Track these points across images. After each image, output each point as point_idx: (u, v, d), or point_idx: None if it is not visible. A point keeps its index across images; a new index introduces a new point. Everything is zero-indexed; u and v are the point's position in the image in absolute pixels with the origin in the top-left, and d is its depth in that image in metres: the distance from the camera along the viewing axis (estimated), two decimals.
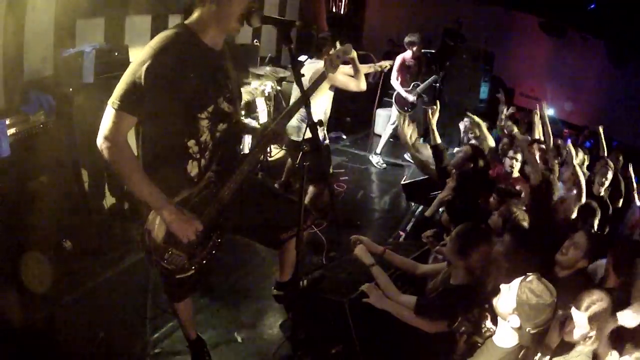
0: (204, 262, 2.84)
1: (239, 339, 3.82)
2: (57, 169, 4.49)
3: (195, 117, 2.56)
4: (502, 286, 2.79)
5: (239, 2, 2.44)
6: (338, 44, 2.93)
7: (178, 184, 2.66)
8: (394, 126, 8.16)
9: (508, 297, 2.70)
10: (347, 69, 5.15)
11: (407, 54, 7.84)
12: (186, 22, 2.52)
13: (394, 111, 8.18)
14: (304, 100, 2.54)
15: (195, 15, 2.50)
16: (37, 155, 4.24)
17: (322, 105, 5.30)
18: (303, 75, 3.15)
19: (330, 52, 2.92)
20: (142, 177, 2.49)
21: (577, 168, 4.71)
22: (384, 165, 8.18)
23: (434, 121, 5.47)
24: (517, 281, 2.73)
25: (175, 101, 2.45)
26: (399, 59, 7.83)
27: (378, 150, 8.31)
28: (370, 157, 8.48)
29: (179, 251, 2.71)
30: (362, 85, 5.19)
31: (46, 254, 4.26)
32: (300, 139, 5.26)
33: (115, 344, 3.65)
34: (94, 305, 4.01)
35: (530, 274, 2.76)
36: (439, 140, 5.44)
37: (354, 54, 4.88)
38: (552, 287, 2.68)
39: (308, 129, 2.53)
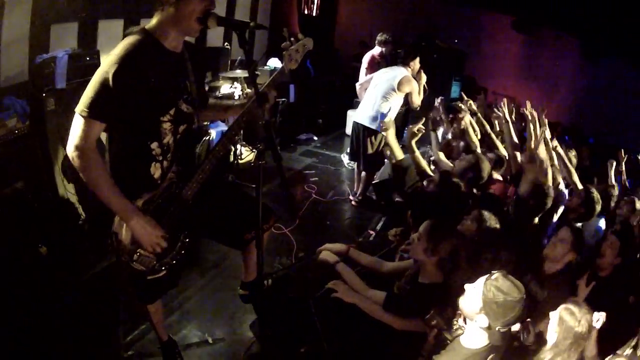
0: (174, 262, 2.88)
1: (210, 340, 3.87)
2: (32, 175, 4.51)
3: (158, 120, 2.61)
4: (467, 286, 2.75)
5: (196, 4, 2.44)
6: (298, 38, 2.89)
7: (142, 186, 2.70)
8: None
9: (473, 296, 2.66)
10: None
11: (376, 51, 7.88)
12: (146, 27, 2.53)
13: None
14: (258, 100, 2.57)
15: (155, 19, 2.52)
16: (12, 161, 4.27)
17: (396, 106, 6.34)
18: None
19: (291, 47, 2.88)
20: (111, 187, 2.53)
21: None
22: (354, 165, 8.10)
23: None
24: (482, 280, 2.69)
25: (139, 105, 2.49)
26: (368, 56, 7.86)
27: (349, 150, 8.37)
28: (342, 156, 8.61)
29: (147, 252, 2.75)
30: (419, 103, 6.35)
31: (22, 259, 4.32)
32: (375, 127, 6.21)
33: (89, 348, 3.69)
34: (68, 309, 4.03)
35: (495, 271, 2.71)
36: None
37: (424, 79, 6.24)
38: (519, 284, 2.64)
39: (263, 127, 2.52)
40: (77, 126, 2.42)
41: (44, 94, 4.54)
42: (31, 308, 3.94)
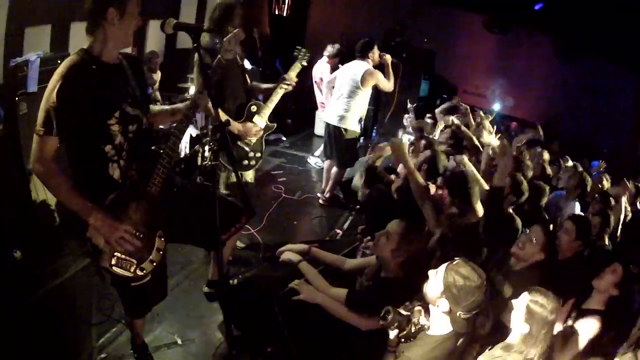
0: (154, 264, 2.92)
1: (179, 341, 3.92)
2: (6, 179, 4.55)
3: (105, 123, 2.76)
4: (430, 272, 2.81)
5: (126, 26, 2.73)
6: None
7: (104, 188, 2.81)
8: None
9: (435, 281, 2.72)
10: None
11: (326, 68, 7.88)
12: (84, 47, 2.74)
13: None
14: (214, 101, 2.84)
15: (91, 39, 2.73)
16: None
17: (363, 101, 6.38)
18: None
19: (224, 40, 3.20)
20: (69, 189, 2.69)
21: None
22: (322, 165, 8.10)
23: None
24: (444, 265, 2.75)
25: (86, 113, 2.66)
26: (327, 68, 7.88)
27: (317, 153, 8.54)
28: (308, 159, 8.68)
29: (123, 255, 2.81)
30: (390, 86, 6.37)
31: None
32: (344, 126, 6.29)
33: (62, 351, 3.74)
34: (42, 313, 4.06)
35: (457, 258, 2.79)
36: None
37: (389, 60, 6.13)
38: (479, 270, 2.69)
39: (216, 128, 2.73)
40: (36, 144, 2.64)
41: (17, 98, 4.57)
42: (3, 311, 3.96)
